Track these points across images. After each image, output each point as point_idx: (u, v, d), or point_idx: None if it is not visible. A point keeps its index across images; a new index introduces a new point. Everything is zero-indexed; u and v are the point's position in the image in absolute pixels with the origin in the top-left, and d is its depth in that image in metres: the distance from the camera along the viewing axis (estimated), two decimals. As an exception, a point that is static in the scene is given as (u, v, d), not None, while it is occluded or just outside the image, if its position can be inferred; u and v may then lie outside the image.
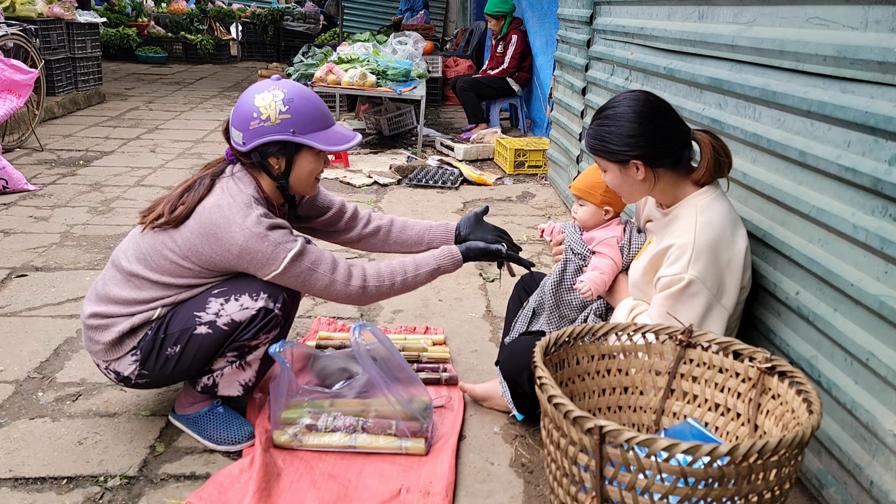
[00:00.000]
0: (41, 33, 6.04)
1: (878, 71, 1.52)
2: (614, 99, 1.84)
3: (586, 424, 1.30)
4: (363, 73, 5.59)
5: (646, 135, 1.75)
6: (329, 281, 1.89)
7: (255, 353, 1.88)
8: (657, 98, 1.82)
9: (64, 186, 4.40)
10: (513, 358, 1.99)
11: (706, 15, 2.41)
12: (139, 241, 1.88)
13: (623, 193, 1.89)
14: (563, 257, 2.12)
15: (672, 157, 1.79)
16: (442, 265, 2.05)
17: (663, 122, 1.78)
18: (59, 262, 3.21)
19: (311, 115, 1.86)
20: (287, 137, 1.82)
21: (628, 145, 1.76)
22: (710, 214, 1.76)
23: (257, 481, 1.77)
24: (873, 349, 1.53)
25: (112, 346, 1.85)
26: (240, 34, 13.01)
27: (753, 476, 1.28)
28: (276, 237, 1.81)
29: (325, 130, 1.88)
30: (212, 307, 1.81)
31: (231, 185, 1.86)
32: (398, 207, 4.33)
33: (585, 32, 4.01)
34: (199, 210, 1.81)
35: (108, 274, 1.91)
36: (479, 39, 9.05)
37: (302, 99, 1.85)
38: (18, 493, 1.76)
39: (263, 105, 1.81)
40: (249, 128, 1.82)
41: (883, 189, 1.49)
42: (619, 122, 1.77)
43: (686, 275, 1.71)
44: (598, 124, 1.82)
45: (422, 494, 1.79)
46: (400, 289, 2.01)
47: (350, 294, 1.93)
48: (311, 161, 1.91)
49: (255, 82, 1.94)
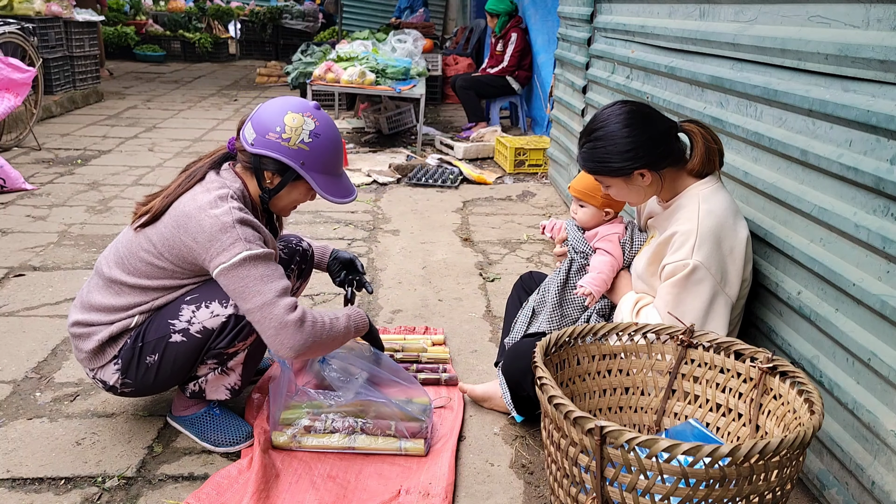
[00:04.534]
0: (39, 32, 6.02)
1: (880, 69, 1.52)
2: (597, 119, 1.84)
3: (587, 425, 1.29)
4: (362, 72, 5.58)
5: (643, 144, 1.77)
6: (271, 301, 1.73)
7: (235, 359, 1.87)
8: (638, 104, 1.84)
9: (62, 185, 4.39)
10: (516, 361, 1.99)
11: (707, 13, 2.40)
12: (118, 245, 1.88)
13: (631, 200, 1.92)
14: (567, 257, 2.12)
15: (671, 155, 1.81)
16: (352, 314, 1.97)
17: (653, 126, 1.80)
18: (57, 261, 3.20)
19: (326, 158, 1.86)
20: (294, 166, 1.82)
21: (630, 159, 1.78)
22: (712, 203, 1.78)
23: (256, 482, 1.76)
24: (875, 349, 1.53)
25: (94, 355, 1.85)
26: (238, 32, 13.00)
27: (755, 477, 1.28)
28: (241, 232, 1.74)
29: (331, 176, 1.89)
30: (184, 315, 1.80)
31: (214, 178, 1.86)
32: (397, 207, 4.33)
33: (586, 30, 4.00)
34: (176, 203, 1.81)
35: (92, 281, 1.91)
36: (479, 37, 9.04)
37: (327, 140, 1.85)
38: (16, 493, 1.75)
39: (291, 125, 1.81)
40: (266, 136, 1.81)
41: (885, 188, 1.48)
42: (613, 139, 1.78)
43: (690, 260, 1.72)
44: (592, 147, 1.82)
45: (421, 495, 1.78)
46: (329, 332, 1.83)
47: (286, 323, 1.73)
48: (302, 193, 1.92)
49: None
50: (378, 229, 3.88)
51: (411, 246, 3.64)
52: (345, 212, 4.15)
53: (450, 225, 4.02)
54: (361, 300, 2.95)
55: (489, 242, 3.75)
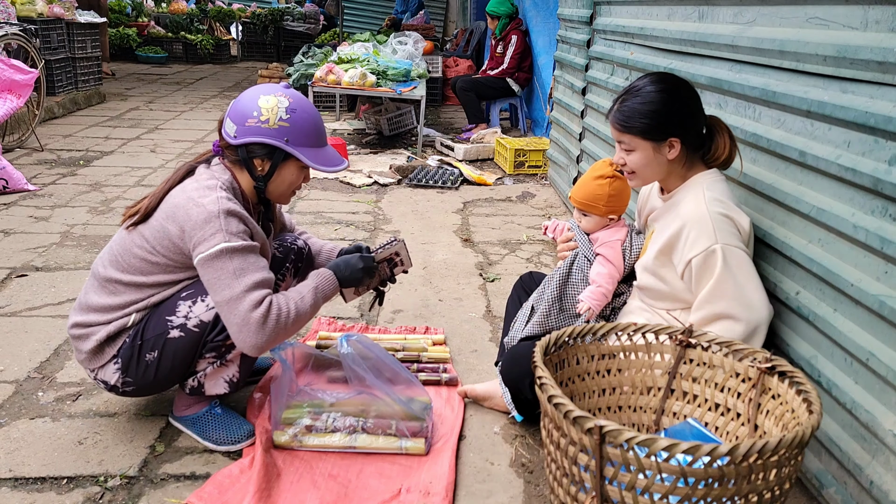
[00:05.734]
0: (41, 33, 6.03)
1: (878, 71, 1.52)
2: (640, 79, 1.83)
3: (586, 424, 1.30)
4: (363, 73, 5.59)
5: (680, 110, 1.75)
6: (238, 296, 1.72)
7: (233, 351, 1.88)
8: (681, 79, 1.84)
9: (64, 186, 4.40)
10: (514, 364, 1.99)
11: (706, 15, 2.41)
12: (113, 246, 1.90)
13: (644, 174, 1.88)
14: (570, 254, 2.12)
15: (701, 135, 1.81)
16: (319, 284, 1.91)
17: (691, 100, 1.80)
18: (60, 262, 3.21)
19: (308, 130, 1.87)
20: (279, 144, 1.84)
21: (665, 122, 1.75)
22: (716, 191, 1.81)
23: (257, 481, 1.77)
24: (873, 349, 1.53)
25: (93, 355, 1.86)
26: (240, 34, 13.01)
27: (753, 476, 1.28)
28: (225, 223, 1.74)
29: (317, 148, 1.91)
30: (181, 310, 1.81)
31: (204, 171, 1.88)
32: (398, 207, 4.33)
33: (585, 32, 4.01)
34: (167, 197, 1.84)
35: (89, 283, 1.93)
36: (479, 39, 9.05)
37: (304, 112, 1.87)
38: (18, 492, 1.76)
39: (266, 107, 1.83)
40: (245, 124, 1.84)
41: (883, 189, 1.49)
42: (652, 99, 1.75)
43: (717, 245, 1.72)
44: (630, 103, 1.79)
45: (422, 494, 1.79)
46: (295, 316, 1.79)
47: (248, 321, 1.72)
48: (294, 173, 1.92)
49: (257, 83, 1.95)
50: (379, 230, 3.89)
51: (412, 246, 3.63)
52: (346, 212, 4.16)
53: (450, 226, 4.03)
54: (362, 300, 2.95)
55: (489, 243, 3.76)
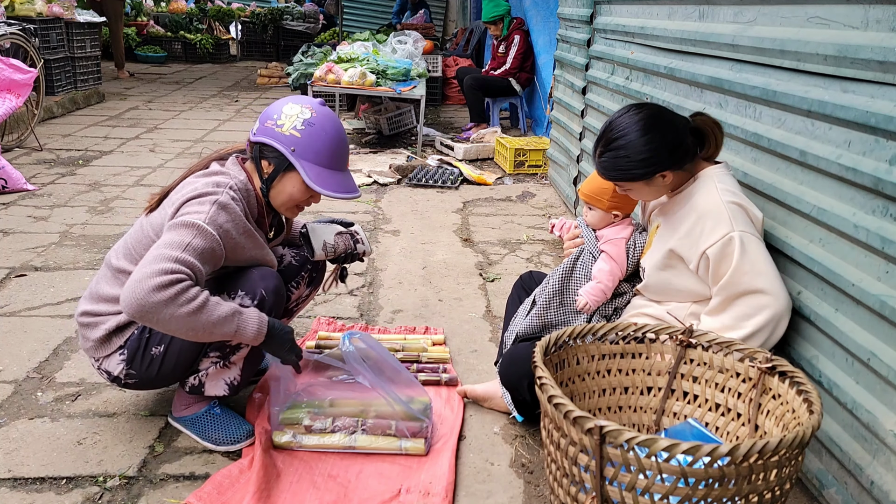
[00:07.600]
0: (40, 33, 6.03)
1: (879, 70, 1.52)
2: (613, 127, 1.83)
3: (586, 425, 1.30)
4: (363, 73, 5.58)
5: (663, 148, 1.79)
6: (162, 256, 1.62)
7: (238, 352, 1.88)
8: (651, 107, 1.84)
9: (63, 186, 4.39)
10: (513, 365, 1.99)
11: (707, 14, 2.41)
12: (128, 236, 1.91)
13: (650, 198, 1.96)
14: (576, 250, 2.13)
15: (689, 151, 1.84)
16: (246, 312, 1.75)
17: (671, 128, 1.80)
18: (59, 261, 3.21)
19: (319, 147, 1.86)
20: (284, 151, 1.85)
21: (652, 164, 1.79)
22: (727, 183, 1.83)
23: (257, 482, 1.77)
24: (874, 349, 1.53)
25: (101, 344, 1.86)
26: (239, 33, 13.01)
27: (754, 476, 1.28)
28: (214, 212, 1.73)
29: (327, 169, 1.88)
30: None
31: (217, 169, 1.90)
32: (398, 207, 4.33)
33: (585, 32, 4.01)
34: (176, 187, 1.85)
35: (101, 273, 1.94)
36: (479, 39, 9.05)
37: (322, 130, 1.86)
38: (17, 493, 1.76)
39: (287, 114, 1.86)
40: (265, 124, 1.88)
41: (884, 189, 1.49)
42: (633, 147, 1.79)
43: (735, 232, 1.73)
44: (613, 156, 1.82)
45: (422, 495, 1.79)
46: (194, 315, 1.63)
47: (150, 277, 1.58)
48: (295, 186, 1.89)
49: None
50: (378, 230, 3.89)
51: (412, 246, 3.65)
52: (345, 212, 4.15)
53: (450, 225, 4.03)
54: (362, 301, 2.95)
55: (489, 243, 3.76)
